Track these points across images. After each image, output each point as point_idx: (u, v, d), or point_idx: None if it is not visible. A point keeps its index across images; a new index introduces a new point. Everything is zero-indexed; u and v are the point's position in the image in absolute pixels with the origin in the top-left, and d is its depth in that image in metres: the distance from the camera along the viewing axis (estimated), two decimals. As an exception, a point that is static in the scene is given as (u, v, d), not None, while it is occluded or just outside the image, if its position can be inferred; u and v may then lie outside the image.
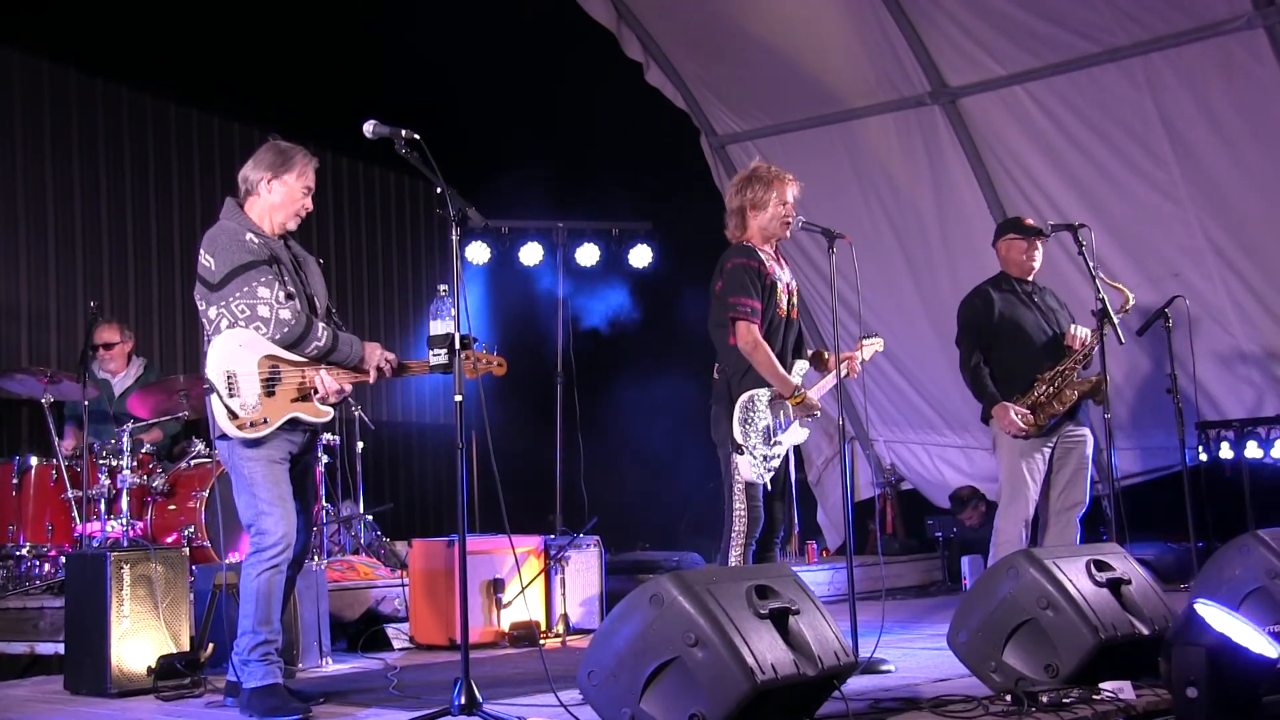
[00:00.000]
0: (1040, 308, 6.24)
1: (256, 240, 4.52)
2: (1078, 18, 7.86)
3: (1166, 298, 7.74)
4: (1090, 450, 6.16)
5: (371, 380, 4.62)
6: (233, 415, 4.38)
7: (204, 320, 4.51)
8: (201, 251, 4.50)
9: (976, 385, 6.16)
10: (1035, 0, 7.90)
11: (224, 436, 4.46)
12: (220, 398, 4.38)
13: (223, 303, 4.43)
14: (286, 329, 4.43)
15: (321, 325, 4.53)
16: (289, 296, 4.49)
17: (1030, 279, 6.31)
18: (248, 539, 4.55)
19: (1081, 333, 6.10)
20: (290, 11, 8.42)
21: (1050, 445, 6.05)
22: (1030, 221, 6.43)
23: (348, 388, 4.60)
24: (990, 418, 6.08)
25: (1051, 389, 5.99)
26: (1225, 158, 7.95)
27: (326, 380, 4.50)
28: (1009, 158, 8.71)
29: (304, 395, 4.49)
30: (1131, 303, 6.18)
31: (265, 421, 4.41)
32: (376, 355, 4.60)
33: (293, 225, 4.69)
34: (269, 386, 4.43)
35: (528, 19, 9.17)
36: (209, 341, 4.46)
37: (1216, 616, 3.63)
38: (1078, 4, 7.78)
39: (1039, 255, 6.30)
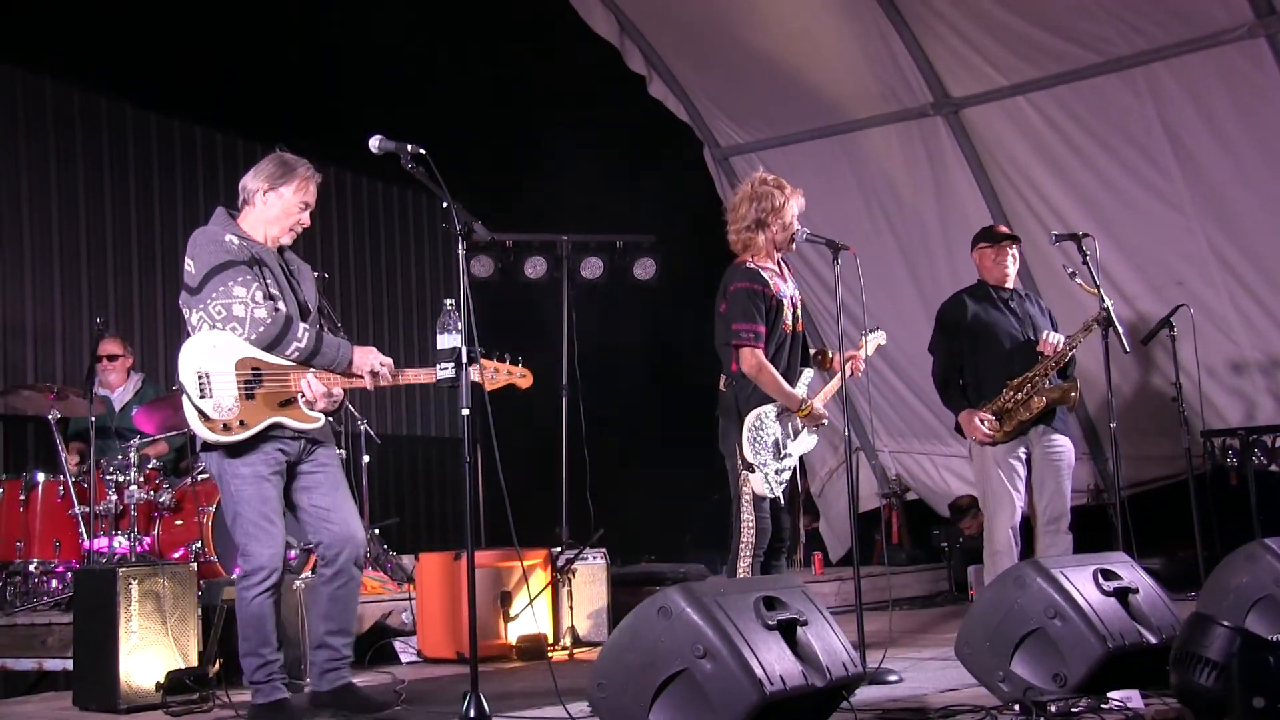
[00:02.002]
0: (1017, 314, 6.23)
1: (237, 242, 4.40)
2: (1079, 28, 7.88)
3: (1170, 306, 7.75)
4: (1070, 459, 6.15)
5: (368, 385, 4.46)
6: (205, 417, 4.24)
7: (188, 328, 4.38)
8: (185, 257, 4.40)
9: (944, 392, 6.17)
10: (1037, 11, 7.92)
11: (207, 447, 4.35)
12: (189, 399, 4.24)
13: (201, 305, 4.31)
14: (262, 328, 4.30)
15: (303, 326, 4.39)
16: (268, 297, 4.36)
17: (1008, 286, 6.31)
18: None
19: (1054, 339, 6.08)
20: (296, 28, 8.45)
21: (1024, 450, 6.04)
22: (1001, 228, 6.46)
23: (338, 392, 4.44)
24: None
25: (1020, 395, 5.98)
26: (1228, 166, 7.95)
27: (313, 384, 4.36)
28: (1012, 168, 8.72)
29: (290, 400, 4.37)
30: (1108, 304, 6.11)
31: (242, 424, 4.27)
32: (370, 359, 4.44)
33: (287, 240, 4.57)
34: (249, 389, 4.29)
35: (530, 33, 9.20)
36: None
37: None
38: (1079, 14, 7.80)
39: (1010, 262, 6.30)
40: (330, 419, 4.56)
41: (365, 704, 4.47)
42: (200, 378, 4.25)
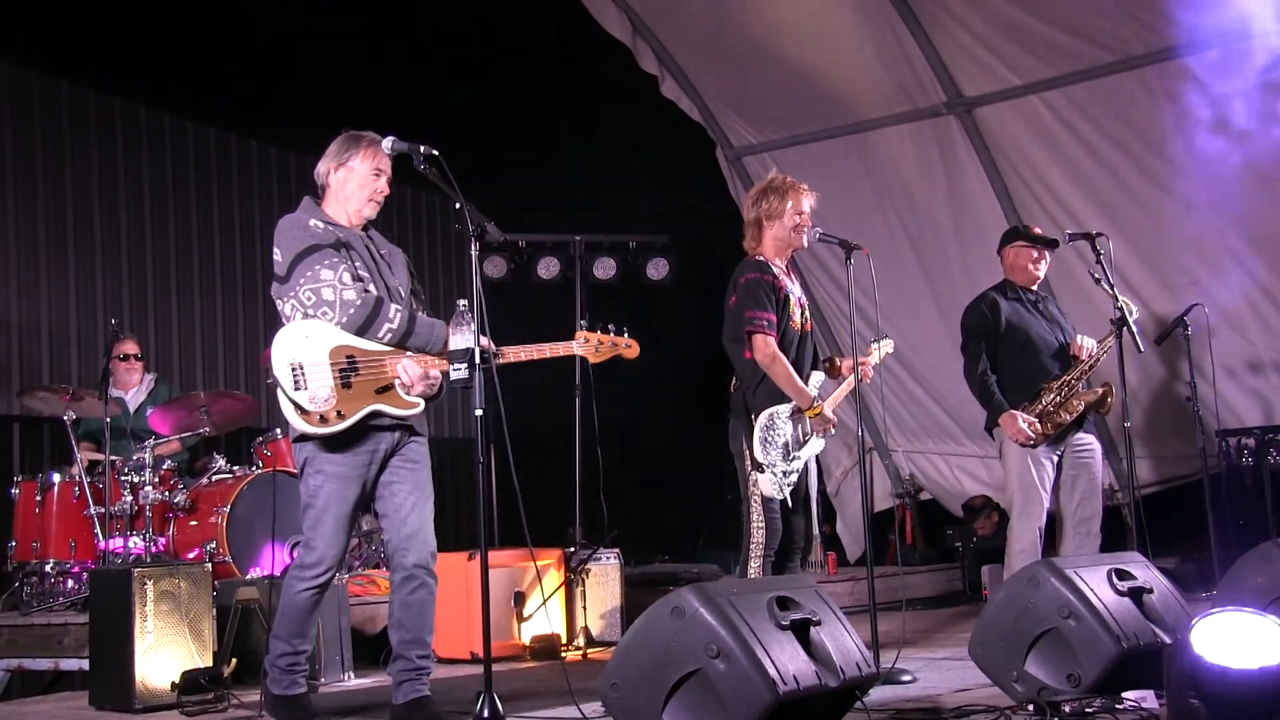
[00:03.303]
0: (1045, 316, 6.21)
1: (321, 226, 4.34)
2: (1093, 27, 7.85)
3: (1185, 306, 7.72)
4: (1100, 458, 6.13)
5: None
6: (302, 410, 4.15)
7: (282, 319, 4.30)
8: (273, 247, 4.33)
9: (984, 393, 6.11)
10: (1050, 10, 7.90)
11: (302, 438, 4.27)
12: (284, 392, 4.16)
13: (292, 293, 4.23)
14: (353, 310, 4.21)
15: (394, 307, 4.30)
16: (356, 279, 4.28)
17: (1034, 288, 6.28)
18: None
19: (1088, 344, 6.07)
20: (309, 33, 8.47)
21: (1058, 453, 6.02)
22: (1039, 231, 6.41)
23: (435, 374, 4.32)
24: (995, 426, 6.06)
25: (1059, 398, 5.96)
26: (1243, 165, 7.91)
27: (410, 368, 4.26)
28: (1025, 167, 8.70)
29: (387, 386, 4.26)
30: (1135, 314, 6.12)
31: (339, 415, 4.17)
32: None
33: (370, 212, 4.47)
34: (345, 378, 4.19)
35: (543, 32, 9.21)
36: None
37: (1221, 629, 3.59)
38: (1093, 13, 7.78)
39: (1045, 266, 6.28)
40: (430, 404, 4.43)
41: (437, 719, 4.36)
42: (295, 369, 4.16)
